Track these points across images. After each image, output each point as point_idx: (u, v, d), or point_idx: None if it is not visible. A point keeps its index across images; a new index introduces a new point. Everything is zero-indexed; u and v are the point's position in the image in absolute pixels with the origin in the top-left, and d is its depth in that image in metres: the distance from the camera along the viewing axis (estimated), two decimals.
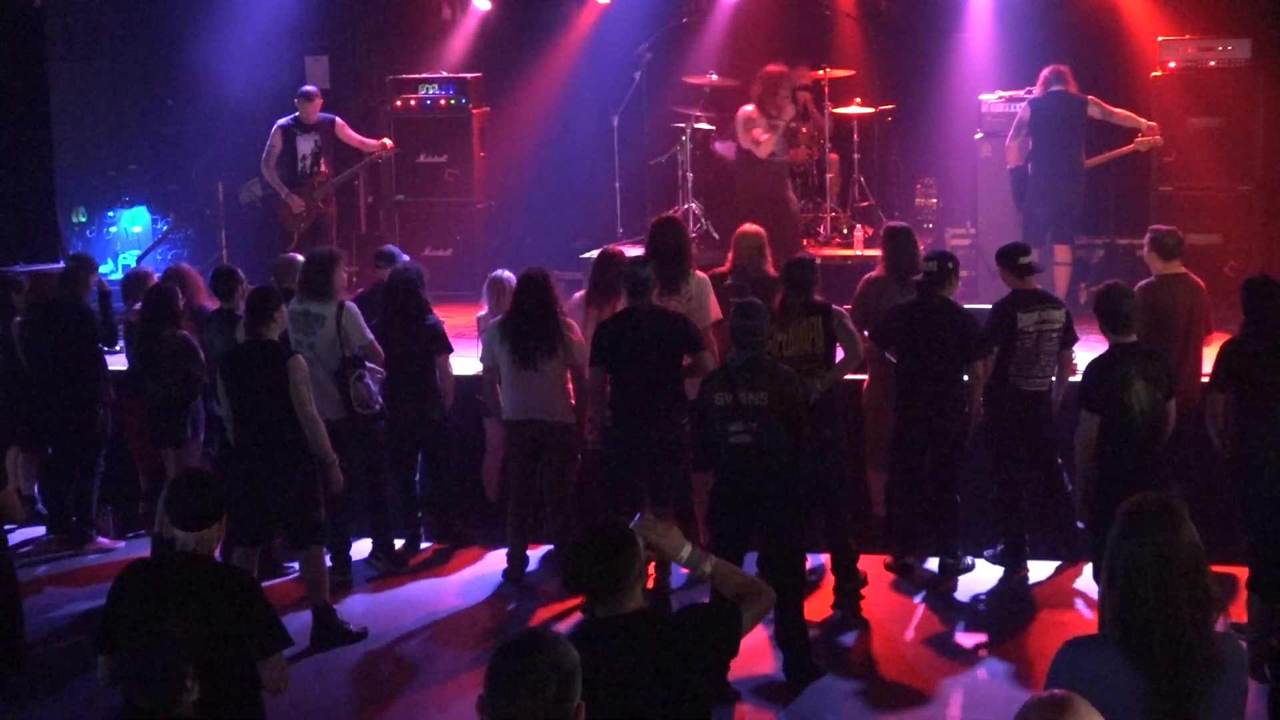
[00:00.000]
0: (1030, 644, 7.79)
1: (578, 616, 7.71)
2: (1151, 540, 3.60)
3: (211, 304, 9.36)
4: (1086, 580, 8.28)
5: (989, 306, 8.85)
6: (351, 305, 8.90)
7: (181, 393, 8.99)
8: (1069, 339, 8.61)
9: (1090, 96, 11.04)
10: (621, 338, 8.00)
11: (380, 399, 8.91)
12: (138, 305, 9.58)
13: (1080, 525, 8.30)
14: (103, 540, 9.78)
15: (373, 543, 9.15)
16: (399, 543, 9.31)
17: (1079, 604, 8.29)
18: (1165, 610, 3.56)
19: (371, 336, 8.83)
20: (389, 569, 9.10)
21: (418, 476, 9.43)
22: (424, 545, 9.47)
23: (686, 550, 4.10)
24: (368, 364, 8.85)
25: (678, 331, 8.04)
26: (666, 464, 8.09)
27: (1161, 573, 3.57)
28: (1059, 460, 8.58)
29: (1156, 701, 3.55)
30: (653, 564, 7.97)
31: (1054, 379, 8.59)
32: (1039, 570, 8.71)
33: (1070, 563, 8.73)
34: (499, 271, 9.55)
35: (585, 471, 8.85)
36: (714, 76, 12.91)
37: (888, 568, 8.76)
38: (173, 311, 9.05)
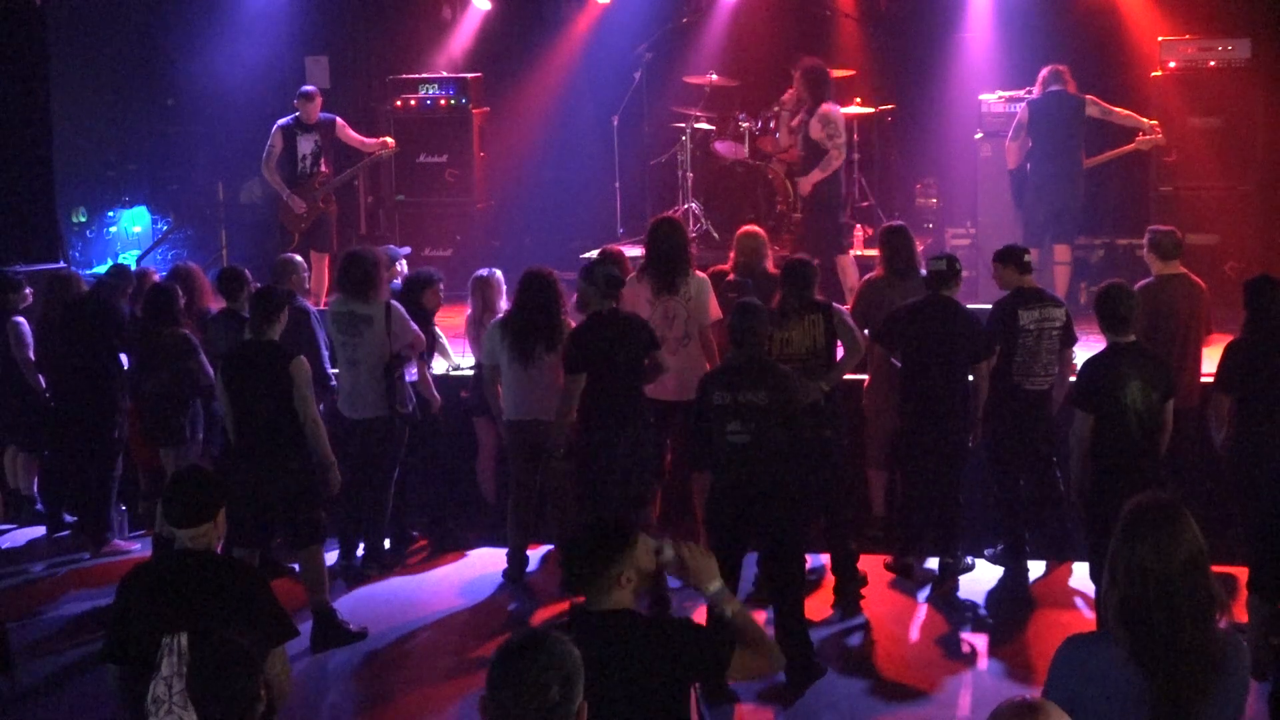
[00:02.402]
0: (1031, 644, 7.79)
1: None
2: (1155, 539, 3.60)
3: (215, 305, 9.34)
4: (1086, 580, 8.28)
5: (989, 306, 8.85)
6: (397, 305, 8.90)
7: (179, 391, 8.98)
8: (1069, 338, 8.60)
9: (1089, 96, 11.03)
10: (598, 342, 8.03)
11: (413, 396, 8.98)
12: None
13: (1071, 525, 8.32)
14: (119, 542, 9.73)
15: (364, 545, 9.09)
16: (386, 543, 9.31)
17: (1079, 603, 8.28)
18: (1167, 609, 3.56)
19: (417, 328, 8.88)
20: (377, 571, 9.07)
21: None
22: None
23: (715, 584, 4.04)
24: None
25: (642, 332, 8.11)
26: (641, 465, 8.13)
27: (1164, 572, 3.57)
28: (1054, 459, 8.59)
29: (1158, 699, 3.56)
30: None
31: (1055, 379, 8.59)
32: (1039, 570, 8.71)
33: (1059, 561, 8.74)
34: (483, 270, 9.55)
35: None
36: (714, 76, 12.91)
37: (888, 568, 8.76)
38: (173, 310, 9.04)
